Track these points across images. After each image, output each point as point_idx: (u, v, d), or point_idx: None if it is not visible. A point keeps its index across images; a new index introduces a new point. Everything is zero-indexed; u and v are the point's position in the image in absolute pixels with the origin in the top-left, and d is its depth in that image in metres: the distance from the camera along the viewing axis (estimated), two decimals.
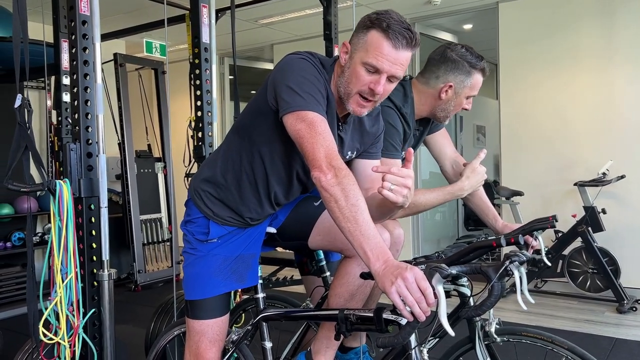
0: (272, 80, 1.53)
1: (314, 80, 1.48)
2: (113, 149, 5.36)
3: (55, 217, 2.01)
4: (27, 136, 1.93)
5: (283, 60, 1.55)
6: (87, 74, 2.08)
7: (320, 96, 1.47)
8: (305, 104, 1.43)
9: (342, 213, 1.32)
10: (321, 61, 1.59)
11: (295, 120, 1.43)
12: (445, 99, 1.95)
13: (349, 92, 1.54)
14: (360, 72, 1.50)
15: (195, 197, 1.74)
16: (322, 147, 1.38)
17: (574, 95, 4.81)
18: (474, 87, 1.95)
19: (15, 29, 1.94)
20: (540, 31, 4.94)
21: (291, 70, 1.49)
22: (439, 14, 5.52)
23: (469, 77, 1.92)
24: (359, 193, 1.34)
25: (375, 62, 1.48)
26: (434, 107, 1.99)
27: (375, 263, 1.25)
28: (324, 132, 1.40)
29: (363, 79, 1.51)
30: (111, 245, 5.80)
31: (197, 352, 1.73)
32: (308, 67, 1.50)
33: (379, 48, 1.47)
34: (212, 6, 2.59)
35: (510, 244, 1.38)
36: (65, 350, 2.01)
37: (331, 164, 1.35)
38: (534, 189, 4.90)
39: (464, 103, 1.98)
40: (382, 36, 1.47)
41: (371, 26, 1.49)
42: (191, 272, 1.74)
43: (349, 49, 1.54)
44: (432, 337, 1.85)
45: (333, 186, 1.33)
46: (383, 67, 1.48)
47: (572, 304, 4.53)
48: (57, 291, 1.99)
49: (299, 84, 1.45)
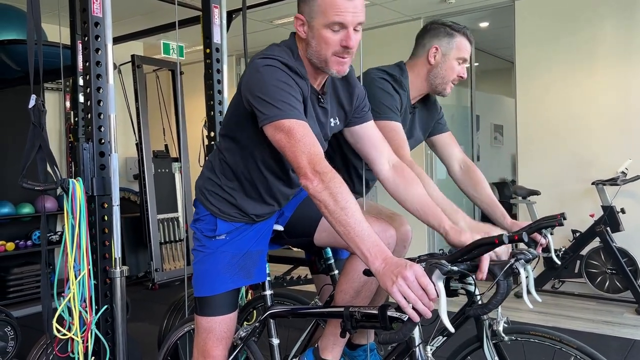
0: (244, 90, 1.54)
1: (283, 85, 1.48)
2: (131, 149, 5.43)
3: (68, 215, 2.05)
4: (41, 136, 1.98)
5: (250, 67, 1.55)
6: (99, 75, 2.12)
7: (292, 99, 1.47)
8: (280, 112, 1.44)
9: (334, 217, 1.33)
10: (289, 49, 1.60)
11: (274, 132, 1.45)
12: (434, 63, 2.04)
13: (325, 58, 1.55)
14: (327, 35, 1.51)
15: (200, 196, 1.77)
16: (303, 154, 1.39)
17: (591, 93, 4.74)
18: (460, 48, 2.03)
19: (29, 32, 1.99)
20: (557, 29, 4.87)
21: (259, 81, 1.49)
22: (455, 12, 5.48)
23: (452, 38, 2.02)
24: (347, 194, 1.34)
25: (338, 19, 1.49)
26: (428, 76, 2.07)
27: (375, 262, 1.25)
28: (303, 137, 1.41)
29: (331, 40, 1.52)
30: (129, 244, 5.88)
31: (204, 349, 1.75)
32: (274, 73, 1.49)
33: (334, 5, 1.48)
34: (223, 7, 2.62)
35: (514, 242, 1.37)
36: (78, 345, 2.04)
37: (315, 170, 1.37)
38: (551, 188, 4.84)
39: (455, 67, 2.04)
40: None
41: None
42: (200, 269, 1.76)
43: (304, 20, 1.55)
44: (439, 336, 1.85)
45: (321, 192, 1.35)
46: (347, 19, 1.49)
47: (590, 305, 4.47)
48: (70, 288, 2.03)
49: (270, 93, 1.46)
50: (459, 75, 2.06)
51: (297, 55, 1.60)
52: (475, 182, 2.12)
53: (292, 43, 1.63)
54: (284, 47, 1.61)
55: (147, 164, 5.20)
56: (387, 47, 5.35)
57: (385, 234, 1.69)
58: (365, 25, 1.61)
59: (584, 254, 4.51)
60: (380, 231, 1.68)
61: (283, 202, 1.79)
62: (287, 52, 1.59)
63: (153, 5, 5.03)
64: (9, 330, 2.86)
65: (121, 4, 4.94)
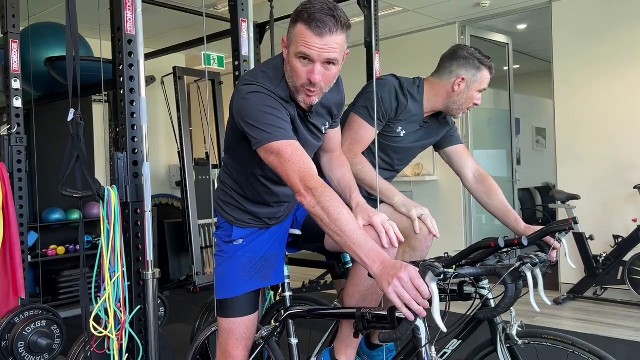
0: (235, 115, 1.63)
1: (269, 110, 1.55)
2: (175, 157, 5.64)
3: (104, 220, 2.19)
4: (79, 147, 2.12)
5: (236, 93, 1.63)
6: (132, 89, 2.26)
7: (280, 121, 1.55)
8: (269, 136, 1.52)
9: (330, 229, 1.41)
10: (273, 72, 1.65)
11: (265, 154, 1.54)
12: (457, 91, 2.11)
13: (296, 86, 1.61)
14: (296, 64, 1.56)
15: (217, 207, 1.89)
16: (294, 172, 1.48)
17: (631, 94, 4.61)
18: (483, 81, 2.13)
19: (68, 48, 2.14)
20: (596, 29, 4.77)
21: (246, 107, 1.57)
22: (489, 16, 5.44)
23: (479, 72, 2.10)
24: (339, 205, 1.42)
25: (305, 50, 1.52)
26: (447, 100, 2.14)
27: (373, 266, 1.31)
28: (292, 156, 1.49)
29: (300, 71, 1.56)
30: (172, 249, 6.07)
31: (225, 349, 1.84)
32: (260, 99, 1.56)
33: (304, 38, 1.52)
34: (250, 20, 2.72)
35: (513, 245, 1.39)
36: (113, 343, 2.17)
37: (307, 186, 1.45)
38: (591, 193, 4.73)
39: (475, 97, 2.14)
40: (305, 27, 1.51)
41: (296, 19, 1.54)
42: (220, 273, 1.86)
43: (286, 43, 1.61)
44: (454, 339, 1.88)
45: (314, 207, 1.43)
46: (312, 54, 1.52)
47: (634, 312, 4.33)
48: (106, 289, 2.17)
49: (257, 118, 1.54)
50: (474, 103, 2.16)
51: (281, 78, 1.64)
52: (488, 190, 2.17)
53: (278, 65, 1.67)
54: (268, 70, 1.66)
55: (189, 171, 5.39)
56: (423, 52, 5.37)
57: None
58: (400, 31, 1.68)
59: (627, 260, 4.38)
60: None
61: (289, 200, 1.86)
62: (269, 76, 1.63)
63: (193, 20, 5.23)
64: (56, 329, 3.04)
65: (164, 19, 5.16)
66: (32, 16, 3.81)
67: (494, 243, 1.32)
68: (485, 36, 5.88)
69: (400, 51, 5.62)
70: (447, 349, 1.87)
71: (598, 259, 4.49)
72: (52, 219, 4.73)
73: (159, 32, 5.69)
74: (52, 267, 4.67)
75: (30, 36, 3.79)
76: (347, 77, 1.86)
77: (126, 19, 2.25)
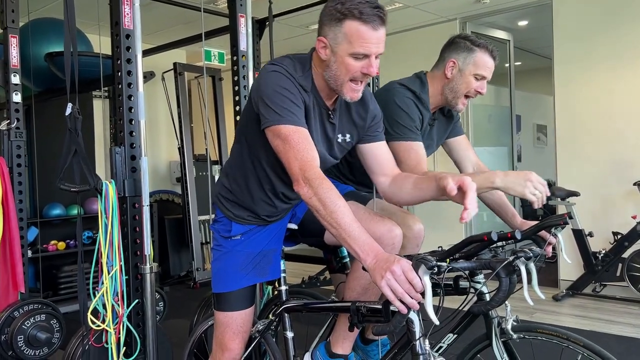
0: (253, 91, 1.63)
1: (285, 92, 1.54)
2: (175, 153, 5.65)
3: (102, 214, 2.20)
4: (77, 141, 2.14)
5: (260, 71, 1.63)
6: (130, 83, 2.27)
7: (293, 105, 1.54)
8: (279, 118, 1.51)
9: (326, 220, 1.40)
10: (300, 63, 1.65)
11: (272, 136, 1.54)
12: (451, 77, 2.04)
13: (341, 82, 1.59)
14: (349, 62, 1.55)
15: (217, 201, 1.88)
16: (296, 160, 1.47)
17: (632, 92, 4.60)
18: (478, 65, 2.01)
19: (66, 44, 2.15)
20: (596, 26, 4.76)
21: (265, 84, 1.57)
22: (490, 12, 5.44)
23: (471, 53, 2.00)
24: (336, 197, 1.41)
25: (363, 50, 1.52)
26: (444, 89, 2.07)
27: (366, 259, 1.32)
28: (298, 144, 1.49)
29: (353, 67, 1.56)
30: (172, 244, 6.07)
31: (221, 342, 1.85)
32: (280, 80, 1.56)
33: (361, 36, 1.51)
34: (248, 16, 2.73)
35: (506, 239, 1.40)
36: (111, 336, 2.19)
37: (305, 176, 1.44)
38: (591, 190, 4.73)
39: (472, 83, 2.02)
40: (359, 24, 1.50)
41: (343, 17, 1.51)
42: (217, 267, 1.86)
43: (327, 44, 1.57)
44: (450, 334, 1.88)
45: (311, 198, 1.43)
46: (371, 51, 1.53)
47: (633, 309, 4.33)
48: (104, 282, 2.18)
49: (272, 97, 1.53)
50: (476, 90, 2.04)
51: (307, 70, 1.65)
52: None
53: (306, 58, 1.68)
54: (296, 60, 1.67)
55: (189, 167, 5.41)
56: (423, 49, 5.36)
57: (390, 233, 1.74)
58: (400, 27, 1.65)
59: (626, 256, 4.38)
60: (385, 231, 1.74)
61: (290, 202, 1.85)
62: (296, 65, 1.64)
63: (194, 15, 5.23)
64: (55, 323, 3.05)
65: (164, 15, 5.17)
66: (32, 12, 3.82)
67: (487, 237, 1.32)
68: (486, 33, 5.88)
69: (401, 48, 5.62)
70: (442, 343, 1.88)
71: (597, 256, 4.49)
72: (53, 215, 4.74)
73: (159, 27, 5.70)
74: (53, 262, 4.69)
75: (31, 31, 3.80)
76: None
77: (124, 14, 2.25)
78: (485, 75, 2.03)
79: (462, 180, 1.42)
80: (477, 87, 2.04)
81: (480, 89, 2.05)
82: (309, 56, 1.68)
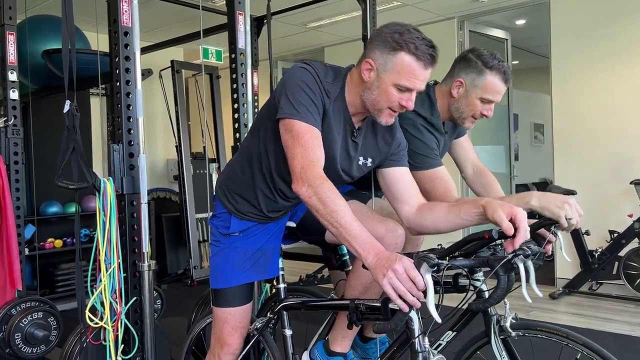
0: (278, 85, 1.63)
1: (309, 92, 1.54)
2: (173, 151, 5.64)
3: (100, 212, 2.19)
4: (75, 138, 2.13)
5: (285, 74, 1.63)
6: (128, 81, 2.26)
7: (313, 106, 1.54)
8: (296, 113, 1.51)
9: (326, 220, 1.40)
10: (334, 73, 1.64)
11: (284, 130, 1.53)
12: (456, 96, 1.96)
13: (380, 108, 1.60)
14: (392, 91, 1.56)
15: (219, 193, 1.86)
16: (300, 158, 1.47)
17: (629, 91, 4.61)
18: (486, 89, 1.91)
19: (64, 41, 2.14)
20: (594, 25, 4.77)
21: (290, 79, 1.58)
22: (488, 11, 5.44)
23: (481, 76, 1.90)
24: (336, 197, 1.40)
25: (409, 84, 1.54)
26: (449, 106, 2.00)
27: (368, 257, 1.32)
28: (306, 144, 1.49)
29: (394, 97, 1.56)
30: (170, 243, 6.06)
31: (220, 337, 1.85)
32: (306, 77, 1.56)
33: (412, 72, 1.53)
34: (247, 13, 2.72)
35: (506, 237, 1.40)
36: (109, 334, 2.18)
37: (306, 175, 1.44)
38: (588, 188, 4.74)
39: (478, 106, 1.94)
40: (412, 59, 1.51)
41: (399, 48, 1.52)
42: (215, 263, 1.86)
43: (374, 67, 1.56)
44: (449, 331, 1.89)
45: (310, 197, 1.43)
46: (416, 87, 1.56)
47: (629, 307, 4.35)
48: (102, 280, 2.18)
49: (294, 92, 1.54)
50: (482, 113, 1.96)
51: (338, 80, 1.64)
52: (487, 183, 2.13)
53: (341, 70, 1.67)
54: (329, 68, 1.66)
55: (186, 165, 5.40)
56: None
57: (393, 233, 1.74)
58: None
59: (623, 255, 4.40)
60: (388, 230, 1.74)
61: (289, 200, 1.83)
62: (328, 72, 1.63)
63: (191, 13, 5.22)
64: (52, 320, 3.05)
65: (162, 12, 5.15)
66: (29, 9, 3.80)
67: (487, 235, 1.33)
68: (484, 31, 5.88)
69: None
70: (441, 340, 1.88)
71: (594, 254, 4.50)
72: (50, 212, 4.73)
73: (157, 25, 5.68)
74: (50, 260, 4.68)
75: (28, 29, 3.78)
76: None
77: (122, 11, 2.25)
78: (493, 99, 1.94)
79: (514, 214, 1.41)
80: (484, 110, 1.96)
81: (487, 111, 1.96)
82: (345, 71, 1.68)
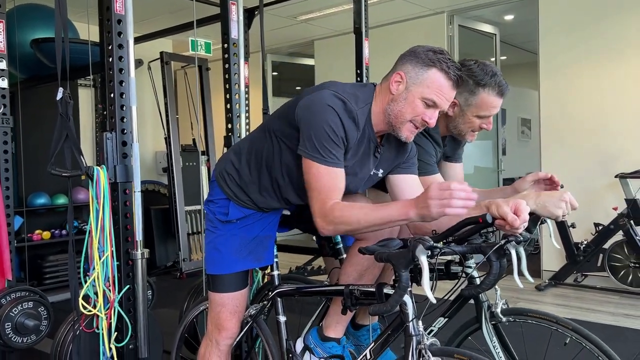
0: (299, 113, 1.62)
1: (333, 136, 1.57)
2: (161, 144, 5.61)
3: (93, 200, 2.19)
4: (68, 126, 2.12)
5: (319, 93, 1.62)
6: (122, 69, 2.25)
7: (335, 147, 1.58)
8: (319, 156, 1.57)
9: (361, 232, 1.56)
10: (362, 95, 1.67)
11: (307, 167, 1.60)
12: (453, 115, 1.98)
13: (403, 120, 1.64)
14: (418, 104, 1.62)
15: (219, 178, 1.86)
16: (319, 198, 1.57)
17: (616, 87, 4.69)
18: (481, 107, 1.93)
19: (57, 30, 2.13)
20: (582, 21, 4.83)
21: (316, 113, 1.59)
22: (477, 6, 5.48)
23: (474, 95, 1.91)
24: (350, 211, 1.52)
25: (437, 99, 1.61)
26: (447, 124, 2.03)
27: (411, 216, 1.42)
28: (326, 184, 1.57)
29: (419, 110, 1.62)
30: (158, 235, 6.04)
31: (218, 322, 1.87)
32: (332, 120, 1.57)
33: (440, 88, 1.60)
34: (240, 3, 2.72)
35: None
36: (102, 322, 2.18)
37: (324, 214, 1.55)
38: (574, 182, 4.81)
39: (475, 122, 1.96)
40: (443, 76, 1.60)
41: (432, 65, 1.59)
42: (212, 249, 1.87)
43: (403, 79, 1.63)
44: (441, 317, 1.92)
45: (336, 230, 1.58)
46: (442, 103, 1.62)
47: (613, 298, 4.44)
48: (95, 268, 2.17)
49: (318, 133, 1.57)
50: (481, 127, 1.98)
51: (368, 103, 1.67)
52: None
53: (371, 89, 1.71)
54: (359, 91, 1.68)
55: (175, 157, 5.37)
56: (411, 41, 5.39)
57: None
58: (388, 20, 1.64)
59: (607, 247, 4.48)
60: None
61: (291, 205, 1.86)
62: (357, 97, 1.65)
63: (181, 4, 5.19)
64: (43, 310, 3.03)
65: (150, 3, 5.12)
66: None
67: (482, 219, 1.36)
68: (473, 26, 5.92)
69: (388, 40, 5.63)
70: (433, 326, 1.92)
71: (579, 246, 4.58)
72: (38, 204, 4.69)
73: (145, 16, 5.65)
74: (38, 251, 4.65)
75: (16, 17, 3.74)
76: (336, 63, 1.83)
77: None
78: (489, 114, 1.96)
79: (517, 206, 1.48)
80: (482, 124, 1.98)
81: (486, 125, 1.99)
82: (371, 90, 1.71)
